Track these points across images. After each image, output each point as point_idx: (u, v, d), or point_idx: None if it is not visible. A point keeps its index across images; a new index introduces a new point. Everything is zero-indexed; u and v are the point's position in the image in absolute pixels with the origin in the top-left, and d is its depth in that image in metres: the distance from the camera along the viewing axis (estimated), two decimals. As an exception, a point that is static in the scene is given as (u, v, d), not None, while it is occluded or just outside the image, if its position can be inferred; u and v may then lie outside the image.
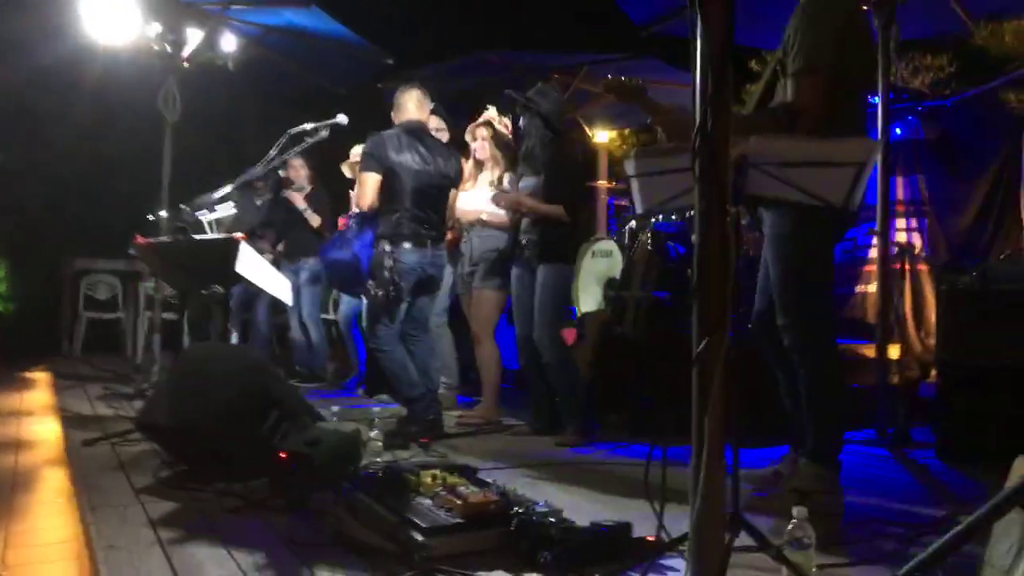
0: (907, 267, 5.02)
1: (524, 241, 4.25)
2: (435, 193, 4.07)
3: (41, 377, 6.85)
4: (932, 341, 5.47)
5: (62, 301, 8.48)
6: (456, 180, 4.29)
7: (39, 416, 4.99)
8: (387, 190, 3.93)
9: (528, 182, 4.26)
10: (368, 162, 3.92)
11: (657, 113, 2.78)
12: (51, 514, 2.97)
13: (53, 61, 6.99)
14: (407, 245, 3.91)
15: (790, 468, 2.87)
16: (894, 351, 4.61)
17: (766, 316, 2.84)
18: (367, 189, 3.92)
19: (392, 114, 4.16)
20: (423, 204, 3.98)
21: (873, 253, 5.87)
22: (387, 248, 3.88)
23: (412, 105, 4.10)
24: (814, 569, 1.87)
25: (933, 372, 4.89)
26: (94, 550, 2.24)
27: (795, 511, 1.84)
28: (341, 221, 5.72)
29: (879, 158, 4.02)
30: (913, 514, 2.76)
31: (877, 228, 4.47)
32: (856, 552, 2.26)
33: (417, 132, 4.06)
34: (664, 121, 2.67)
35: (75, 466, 3.29)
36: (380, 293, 3.83)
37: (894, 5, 4.17)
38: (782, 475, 2.90)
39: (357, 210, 4.22)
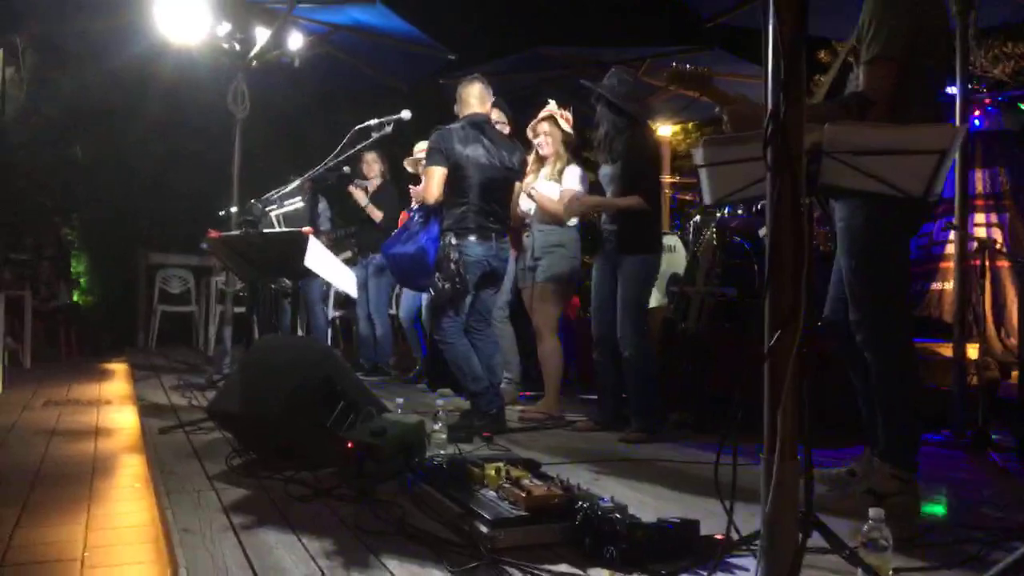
0: (986, 263, 4.81)
1: (605, 232, 4.17)
2: (500, 186, 4.07)
3: (119, 368, 7.13)
4: (1014, 341, 5.27)
5: (138, 295, 8.78)
6: (520, 172, 4.28)
7: (117, 405, 5.18)
8: (453, 183, 3.94)
9: (606, 170, 4.18)
10: (434, 156, 3.93)
11: (724, 102, 2.70)
12: (129, 499, 3.08)
13: (127, 61, 7.24)
14: (472, 238, 3.92)
15: (865, 468, 2.79)
16: (972, 351, 4.44)
17: (839, 314, 2.76)
18: (433, 183, 3.94)
19: (455, 108, 4.18)
20: (488, 197, 3.99)
21: (950, 249, 5.66)
22: (453, 241, 3.90)
23: (475, 99, 4.11)
24: (891, 572, 1.81)
25: (1015, 373, 4.70)
26: (170, 534, 2.31)
27: (872, 512, 1.78)
28: (403, 215, 5.78)
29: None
30: (994, 518, 2.66)
31: (955, 222, 4.32)
32: (934, 556, 2.18)
33: (481, 125, 4.07)
34: (732, 111, 2.59)
35: (151, 453, 3.40)
36: (447, 285, 3.85)
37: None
38: (856, 475, 2.81)
39: (418, 204, 4.25)
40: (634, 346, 4.00)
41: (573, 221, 4.59)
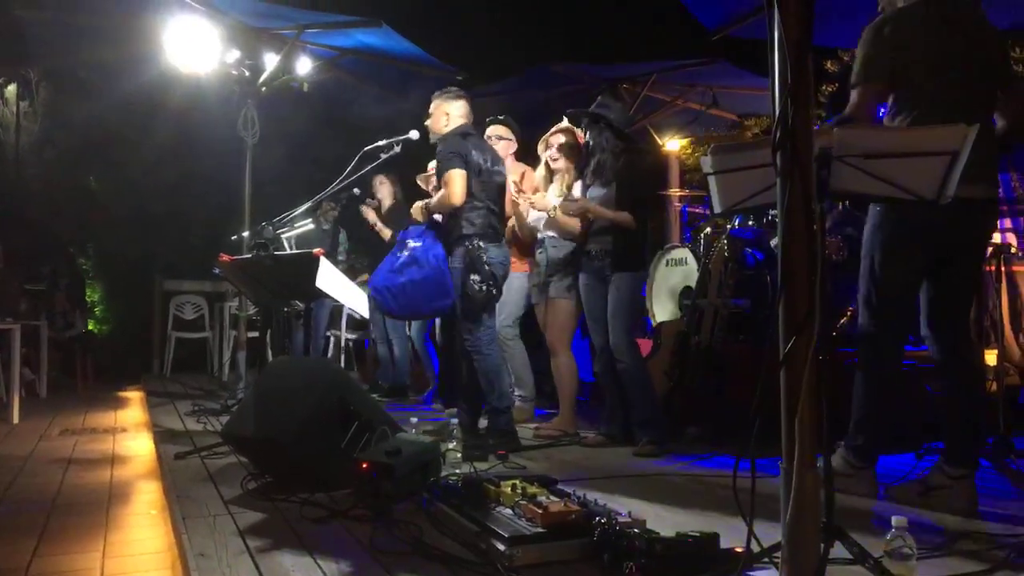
0: (1002, 268, 4.77)
1: (592, 251, 4.22)
2: (500, 192, 4.11)
3: (135, 395, 7.15)
4: (1032, 346, 5.19)
5: (152, 322, 8.82)
6: (504, 181, 4.26)
7: (133, 432, 5.20)
8: (469, 187, 3.93)
9: (597, 192, 4.22)
10: (453, 160, 3.89)
11: None
12: (146, 525, 3.07)
13: (138, 89, 7.32)
14: (491, 243, 3.92)
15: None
16: (991, 357, 4.38)
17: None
18: (458, 185, 3.86)
19: (437, 122, 4.14)
20: (495, 202, 4.03)
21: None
22: (481, 244, 3.87)
23: (463, 113, 4.13)
24: (916, 581, 1.78)
25: (1034, 378, 4.64)
26: (186, 559, 2.30)
27: (894, 520, 1.75)
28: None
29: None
30: (1021, 524, 2.61)
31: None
32: (959, 564, 2.14)
33: (477, 134, 4.11)
34: None
35: (167, 479, 3.40)
36: (484, 287, 3.81)
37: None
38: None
39: (419, 223, 4.23)
40: (629, 355, 4.06)
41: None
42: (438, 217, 4.15)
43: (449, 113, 4.11)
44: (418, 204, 4.33)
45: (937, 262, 2.90)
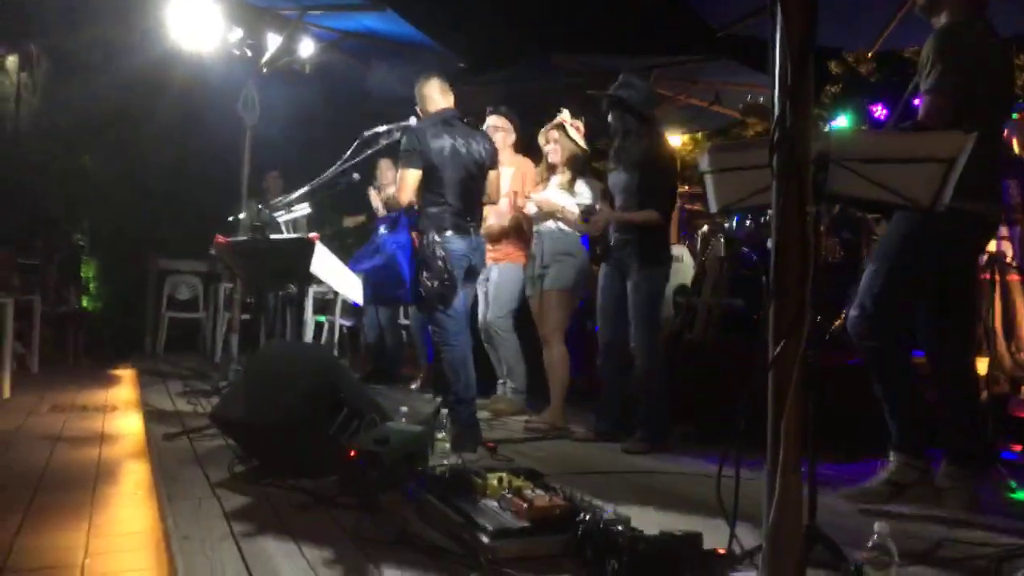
0: (996, 277, 4.77)
1: (614, 241, 4.13)
2: (474, 181, 4.00)
3: (126, 373, 7.14)
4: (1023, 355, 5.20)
5: (146, 301, 8.80)
6: (491, 162, 4.14)
7: (123, 411, 5.18)
8: (428, 182, 3.87)
9: (619, 177, 4.13)
10: (409, 158, 3.85)
11: None
12: (131, 505, 3.07)
13: (141, 66, 7.28)
14: (450, 233, 3.85)
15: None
16: (982, 365, 4.39)
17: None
18: (408, 186, 3.85)
19: (419, 107, 4.11)
20: (463, 194, 3.92)
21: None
22: (436, 237, 3.83)
23: (437, 94, 4.06)
24: (896, 587, 1.78)
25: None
26: (170, 540, 2.30)
27: (877, 526, 1.75)
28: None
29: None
30: (1006, 534, 2.61)
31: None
32: (942, 571, 2.15)
33: (451, 120, 4.00)
34: None
35: (155, 459, 3.40)
36: (435, 283, 3.79)
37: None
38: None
39: (384, 213, 4.21)
40: (650, 358, 3.98)
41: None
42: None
43: (426, 95, 4.07)
44: (390, 191, 4.31)
45: (941, 271, 2.93)
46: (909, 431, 2.93)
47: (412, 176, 3.86)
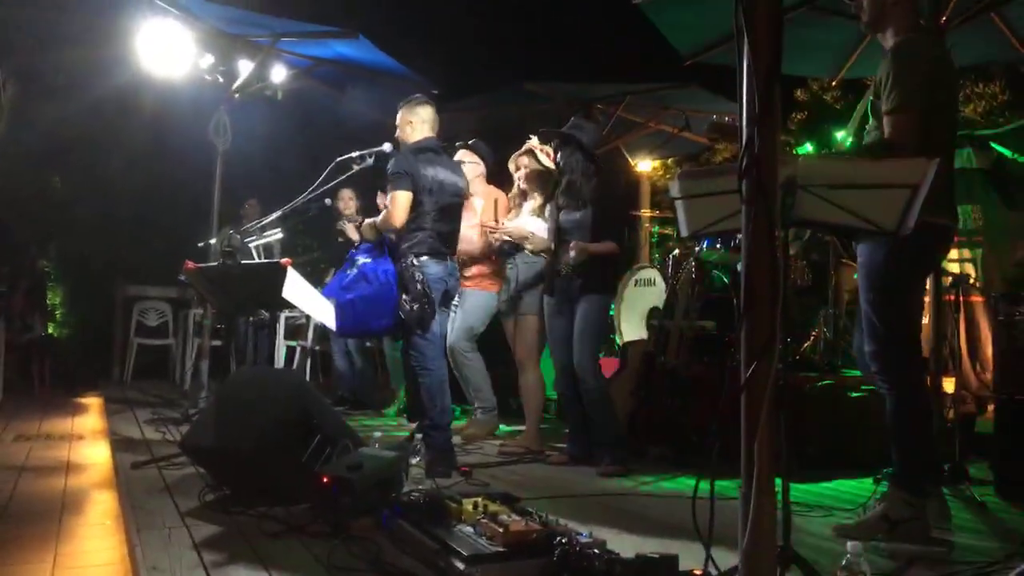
0: (961, 299, 4.87)
1: (562, 269, 4.20)
2: (455, 209, 4.07)
3: (93, 402, 7.00)
4: (988, 375, 5.31)
5: (114, 328, 8.66)
6: (465, 194, 4.26)
7: (90, 440, 5.08)
8: (412, 207, 3.90)
9: (572, 216, 4.21)
10: (402, 180, 3.87)
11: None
12: (99, 536, 3.00)
13: (111, 92, 7.22)
14: (426, 258, 3.88)
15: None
16: (949, 385, 4.47)
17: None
18: (400, 209, 3.86)
19: (404, 132, 4.12)
20: (445, 219, 3.97)
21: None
22: (414, 261, 3.86)
23: (428, 123, 4.10)
24: (870, 607, 1.79)
25: (990, 407, 4.73)
26: (139, 572, 2.25)
27: (849, 546, 1.77)
28: None
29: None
30: (975, 551, 2.65)
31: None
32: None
33: (436, 149, 4.07)
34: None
35: (123, 489, 3.33)
36: (415, 306, 3.81)
37: (943, 32, 4.11)
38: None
39: (362, 242, 4.22)
40: (593, 378, 4.07)
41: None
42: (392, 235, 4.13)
43: (412, 121, 4.09)
44: (368, 222, 4.30)
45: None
46: (915, 470, 2.78)
47: (405, 198, 3.86)
